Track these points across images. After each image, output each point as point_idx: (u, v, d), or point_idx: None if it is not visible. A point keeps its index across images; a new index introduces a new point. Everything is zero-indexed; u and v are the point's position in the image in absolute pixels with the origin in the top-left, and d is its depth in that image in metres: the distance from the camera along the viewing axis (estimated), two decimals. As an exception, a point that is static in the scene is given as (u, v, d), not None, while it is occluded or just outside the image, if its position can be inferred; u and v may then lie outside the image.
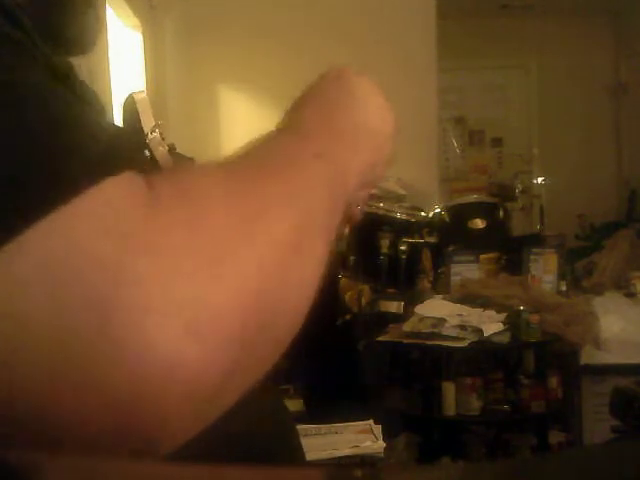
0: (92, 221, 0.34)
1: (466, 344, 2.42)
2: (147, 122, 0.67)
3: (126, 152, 0.40)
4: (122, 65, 3.17)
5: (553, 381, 2.56)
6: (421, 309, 2.61)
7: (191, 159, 2.76)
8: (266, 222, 0.39)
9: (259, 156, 0.45)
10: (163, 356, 0.32)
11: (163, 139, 0.68)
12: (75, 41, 0.61)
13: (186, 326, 0.33)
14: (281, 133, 0.50)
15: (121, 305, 0.32)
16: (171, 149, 0.69)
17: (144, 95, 0.70)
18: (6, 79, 0.37)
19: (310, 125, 0.51)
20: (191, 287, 0.34)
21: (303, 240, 0.41)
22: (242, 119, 3.75)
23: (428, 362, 2.68)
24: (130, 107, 0.68)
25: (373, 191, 3.25)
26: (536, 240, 3.37)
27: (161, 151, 0.66)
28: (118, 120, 0.73)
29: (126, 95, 0.69)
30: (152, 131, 0.66)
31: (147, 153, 0.65)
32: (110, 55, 2.79)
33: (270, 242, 0.38)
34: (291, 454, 0.65)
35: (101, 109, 0.60)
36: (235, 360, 0.35)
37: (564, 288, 2.92)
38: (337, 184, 0.47)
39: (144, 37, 3.51)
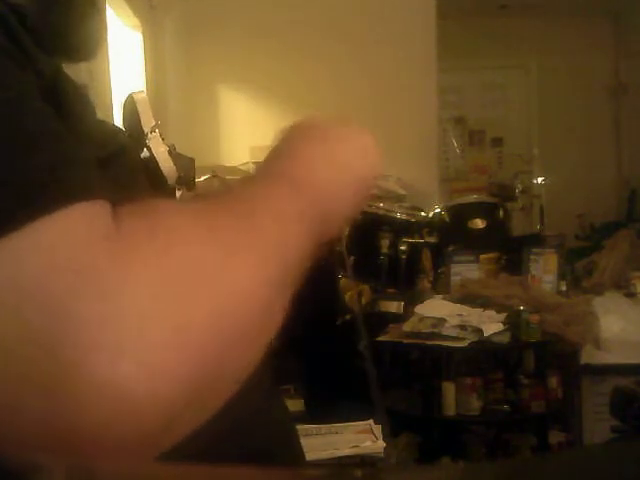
0: (42, 254, 0.33)
1: (466, 344, 2.42)
2: (147, 122, 0.67)
3: (97, 177, 0.39)
4: (122, 65, 3.17)
5: (553, 381, 2.56)
6: (421, 309, 2.61)
7: (191, 159, 2.77)
8: (234, 272, 0.38)
9: (239, 200, 0.44)
10: (111, 391, 0.32)
11: (163, 139, 0.68)
12: (78, 47, 0.60)
13: (137, 365, 0.33)
14: (261, 179, 0.50)
15: (67, 342, 0.32)
16: (171, 149, 0.69)
17: (144, 95, 0.69)
18: None
19: (289, 170, 0.50)
20: (146, 328, 0.33)
21: (271, 291, 0.41)
22: (242, 119, 3.75)
23: (428, 362, 2.68)
24: (130, 107, 0.68)
25: (373, 191, 3.25)
26: (536, 240, 3.37)
27: (161, 151, 0.66)
28: (118, 120, 0.73)
29: (126, 95, 0.69)
30: (152, 131, 0.66)
31: (146, 153, 0.65)
32: (110, 55, 2.79)
33: (235, 292, 0.38)
34: (291, 454, 0.65)
35: (89, 118, 0.58)
36: (183, 399, 0.35)
37: (564, 288, 2.92)
38: (317, 226, 0.47)
39: (144, 37, 3.51)
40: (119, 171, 0.52)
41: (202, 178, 2.83)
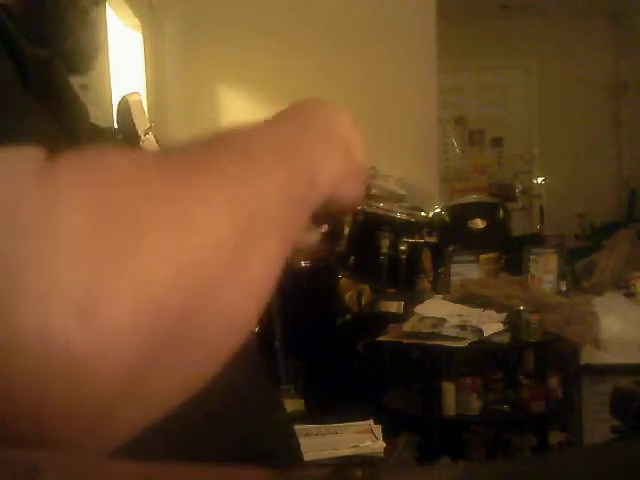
0: None
1: (466, 344, 2.42)
2: (141, 124, 0.67)
3: (39, 128, 0.36)
4: (122, 65, 3.17)
5: (553, 381, 2.56)
6: (421, 309, 2.61)
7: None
8: (199, 211, 0.34)
9: (211, 147, 0.41)
10: (45, 347, 0.28)
11: (157, 141, 0.68)
12: (72, 61, 0.59)
13: (79, 313, 0.29)
14: (237, 130, 0.46)
15: (5, 287, 0.29)
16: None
17: (137, 98, 0.69)
18: None
19: (272, 128, 0.48)
20: (88, 272, 0.29)
21: (244, 239, 0.36)
22: (242, 119, 3.75)
23: (428, 362, 2.68)
24: (124, 109, 0.67)
25: (373, 191, 3.26)
26: (536, 240, 3.37)
27: None
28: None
29: (120, 98, 0.69)
30: (145, 133, 0.66)
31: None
32: (110, 55, 2.79)
33: (198, 236, 0.33)
34: (290, 455, 0.65)
35: (79, 118, 0.57)
36: (138, 361, 0.30)
37: (564, 288, 2.92)
38: (300, 177, 0.43)
39: (144, 37, 3.52)
40: None
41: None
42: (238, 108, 3.79)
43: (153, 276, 0.31)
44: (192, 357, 0.34)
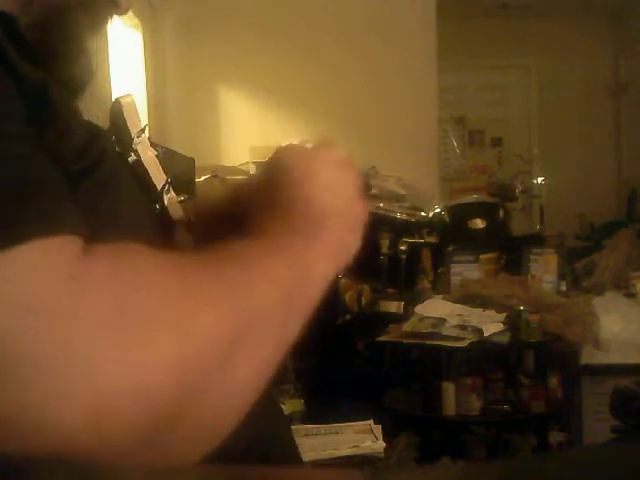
0: None
1: (466, 344, 2.42)
2: (133, 126, 0.66)
3: (65, 208, 0.38)
4: (122, 65, 3.17)
5: (553, 381, 2.56)
6: (421, 309, 2.61)
7: (191, 159, 2.77)
8: (199, 320, 0.37)
9: (213, 254, 0.44)
10: (56, 438, 0.32)
11: (151, 143, 0.67)
12: (67, 87, 0.58)
13: (84, 412, 0.32)
14: (241, 236, 0.49)
15: (18, 384, 0.32)
16: (159, 153, 0.68)
17: (130, 99, 0.69)
18: None
19: (268, 225, 0.50)
20: (93, 371, 0.33)
21: (242, 341, 0.39)
22: (242, 119, 3.75)
23: (428, 362, 2.68)
24: (117, 112, 0.67)
25: (373, 191, 3.26)
26: (536, 240, 3.37)
27: (149, 155, 0.65)
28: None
29: (113, 100, 0.68)
30: (138, 135, 0.66)
31: (134, 157, 0.65)
32: (110, 55, 2.79)
33: (200, 340, 0.37)
34: (288, 455, 0.65)
35: (76, 123, 0.57)
36: (138, 444, 0.34)
37: (564, 288, 2.92)
38: (297, 277, 0.46)
39: (144, 37, 3.51)
40: (100, 179, 0.51)
41: (202, 178, 2.82)
42: (238, 108, 3.79)
43: (157, 378, 0.35)
44: (179, 446, 0.37)
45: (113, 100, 0.68)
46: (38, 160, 0.39)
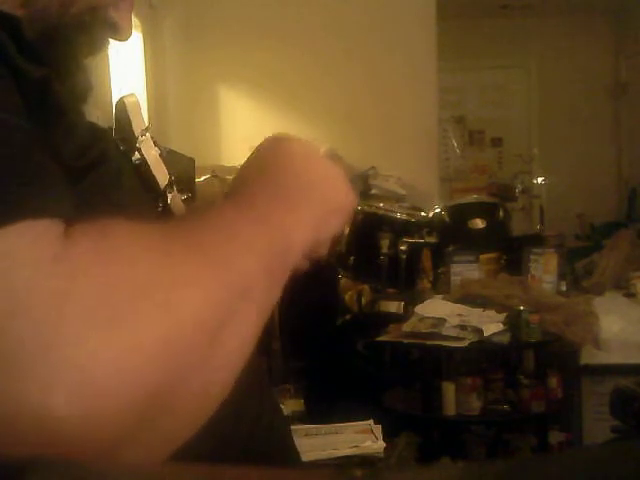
0: None
1: (466, 344, 2.42)
2: (137, 125, 0.66)
3: (59, 194, 0.38)
4: (122, 65, 3.17)
5: (553, 381, 2.56)
6: (421, 309, 2.61)
7: (191, 159, 2.77)
8: (185, 297, 0.37)
9: (195, 226, 0.44)
10: (41, 423, 0.32)
11: (154, 142, 0.68)
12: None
13: (69, 395, 0.32)
14: (223, 204, 0.50)
15: (1, 368, 0.32)
16: (162, 152, 0.68)
17: (134, 99, 0.69)
18: None
19: (250, 193, 0.51)
20: (79, 353, 0.33)
21: (227, 315, 0.40)
22: (242, 119, 3.75)
23: (428, 362, 2.68)
24: (121, 111, 0.67)
25: (373, 191, 3.26)
26: (536, 240, 3.37)
27: (152, 154, 0.65)
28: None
29: (117, 99, 0.68)
30: (142, 134, 0.66)
31: (138, 156, 0.65)
32: (110, 55, 2.79)
33: (187, 317, 0.37)
34: (287, 456, 0.65)
35: (78, 122, 0.56)
36: (126, 426, 0.34)
37: (564, 288, 2.92)
38: (277, 245, 0.47)
39: (144, 37, 3.51)
40: (102, 177, 0.51)
41: (202, 178, 2.82)
42: (238, 108, 3.79)
43: (144, 357, 0.34)
44: (163, 434, 0.38)
45: (118, 99, 0.68)
46: (24, 145, 0.39)
